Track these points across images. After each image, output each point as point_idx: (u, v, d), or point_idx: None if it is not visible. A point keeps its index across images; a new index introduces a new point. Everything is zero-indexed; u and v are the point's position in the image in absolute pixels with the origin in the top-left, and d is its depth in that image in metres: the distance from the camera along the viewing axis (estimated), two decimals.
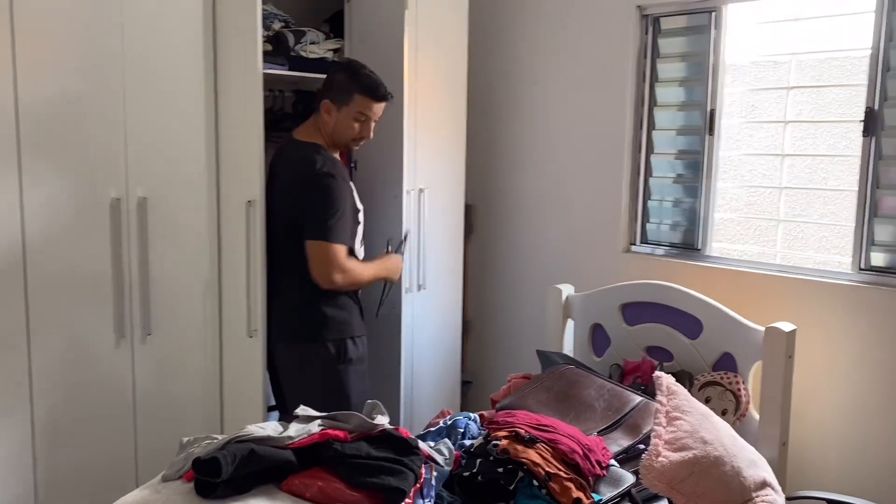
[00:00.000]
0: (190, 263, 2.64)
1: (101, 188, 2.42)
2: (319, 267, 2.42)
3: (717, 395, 2.55)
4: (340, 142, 2.57)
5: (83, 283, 2.41)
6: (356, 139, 2.56)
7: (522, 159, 3.55)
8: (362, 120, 2.52)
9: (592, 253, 3.33)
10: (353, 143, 2.60)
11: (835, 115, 2.81)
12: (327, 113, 2.52)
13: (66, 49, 2.31)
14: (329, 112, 2.52)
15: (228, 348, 2.71)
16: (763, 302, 2.79)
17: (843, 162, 2.79)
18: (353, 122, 2.52)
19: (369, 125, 2.55)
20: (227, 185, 2.65)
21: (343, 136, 2.54)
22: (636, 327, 2.85)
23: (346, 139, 2.56)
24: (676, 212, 3.17)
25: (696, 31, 3.02)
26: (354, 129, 2.53)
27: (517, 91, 3.55)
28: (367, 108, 2.51)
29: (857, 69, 2.73)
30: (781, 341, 2.45)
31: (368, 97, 2.50)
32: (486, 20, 3.59)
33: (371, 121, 2.55)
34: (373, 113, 2.53)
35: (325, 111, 2.53)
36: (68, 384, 2.42)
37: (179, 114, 2.57)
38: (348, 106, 2.50)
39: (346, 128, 2.52)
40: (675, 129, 3.13)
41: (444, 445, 2.06)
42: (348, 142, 2.57)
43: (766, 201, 2.99)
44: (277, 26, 2.87)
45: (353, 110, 2.50)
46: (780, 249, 2.95)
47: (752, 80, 2.98)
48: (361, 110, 2.51)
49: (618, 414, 2.39)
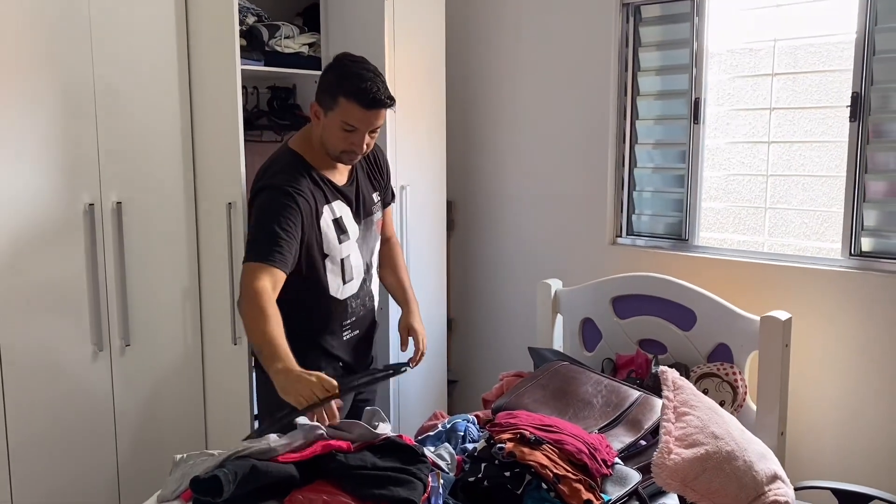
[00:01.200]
0: (169, 270, 2.53)
1: (74, 193, 2.30)
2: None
3: (714, 386, 2.52)
4: (331, 153, 2.13)
5: (57, 294, 2.29)
6: (346, 152, 2.11)
7: (504, 153, 3.50)
8: (349, 130, 2.06)
9: (578, 246, 3.28)
10: (345, 157, 2.13)
11: (812, 101, 2.81)
12: (315, 117, 2.12)
13: (32, 46, 2.19)
14: (317, 116, 2.11)
15: (211, 357, 2.61)
16: (754, 290, 2.78)
17: (820, 148, 2.79)
18: (340, 130, 2.07)
19: (360, 136, 2.08)
20: (204, 188, 2.55)
21: (330, 146, 2.11)
22: (628, 320, 2.82)
23: (335, 150, 2.11)
24: (662, 202, 3.14)
25: (677, 20, 2.99)
26: (341, 139, 2.08)
27: (497, 84, 3.49)
28: (352, 115, 2.04)
29: (835, 54, 2.73)
30: (778, 330, 2.43)
31: (355, 102, 2.03)
32: (464, 12, 3.52)
33: (361, 132, 2.07)
34: (361, 122, 2.05)
35: (313, 114, 2.13)
36: (44, 400, 2.30)
37: (153, 113, 2.46)
38: (333, 111, 2.06)
39: (333, 137, 2.09)
40: (658, 119, 3.10)
41: (444, 450, 1.99)
42: (338, 154, 2.12)
43: (747, 189, 2.97)
44: (251, 20, 2.78)
45: (337, 117, 2.05)
46: (767, 238, 2.93)
47: (730, 67, 2.96)
48: (346, 119, 2.05)
49: (617, 410, 2.34)
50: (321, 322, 2.21)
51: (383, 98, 2.05)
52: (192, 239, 2.57)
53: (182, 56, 2.49)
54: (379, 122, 2.10)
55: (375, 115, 2.07)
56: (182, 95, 2.51)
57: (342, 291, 2.22)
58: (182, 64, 2.50)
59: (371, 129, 2.10)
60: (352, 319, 2.27)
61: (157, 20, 2.43)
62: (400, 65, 3.03)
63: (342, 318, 2.25)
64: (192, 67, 2.51)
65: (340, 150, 2.11)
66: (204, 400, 2.65)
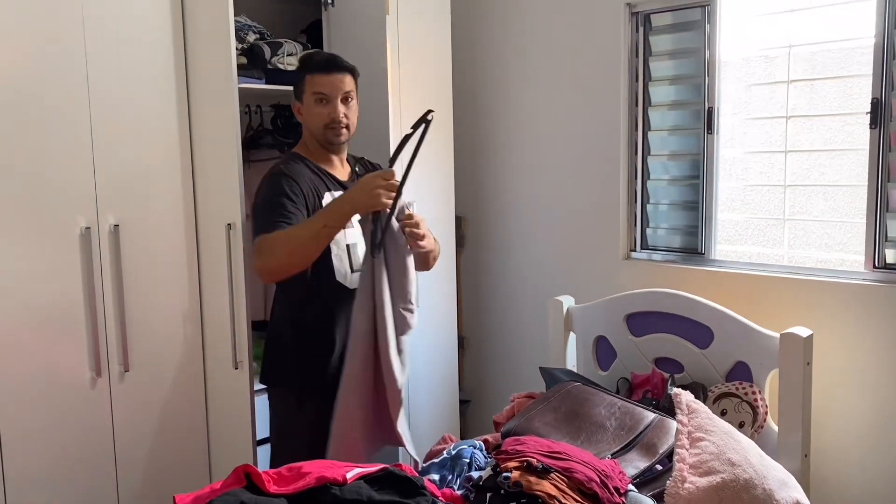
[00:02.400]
0: (168, 293, 2.48)
1: (69, 216, 2.26)
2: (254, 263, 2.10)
3: (734, 406, 2.42)
4: (319, 136, 2.29)
5: (54, 319, 2.25)
6: (328, 125, 2.26)
7: (513, 167, 3.42)
8: (322, 100, 2.24)
9: (591, 261, 3.19)
10: (330, 133, 2.27)
11: (831, 108, 2.71)
12: (299, 113, 2.31)
13: (25, 71, 2.16)
14: (299, 111, 2.31)
15: (213, 382, 2.55)
16: (774, 306, 2.67)
17: (841, 156, 2.68)
18: (315, 107, 2.25)
19: (334, 105, 2.24)
20: (204, 209, 2.50)
21: (316, 128, 2.27)
22: (643, 338, 2.72)
23: (319, 129, 2.27)
24: (676, 215, 3.04)
25: (688, 28, 2.90)
26: (320, 115, 2.25)
27: (505, 96, 3.42)
28: (319, 84, 2.23)
29: (854, 59, 2.63)
30: (799, 347, 2.32)
31: (316, 72, 2.24)
32: (470, 23, 3.47)
33: (334, 99, 2.24)
34: (328, 88, 2.23)
35: (297, 113, 2.32)
36: (41, 428, 2.25)
37: (151, 134, 2.42)
38: (305, 93, 2.26)
39: (314, 117, 2.26)
40: (671, 129, 3.01)
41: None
42: (324, 132, 2.27)
43: (765, 200, 2.87)
44: (252, 38, 2.74)
45: (310, 96, 2.25)
46: (787, 251, 2.83)
47: (744, 75, 2.87)
48: (316, 90, 2.23)
49: (631, 433, 2.25)
50: (331, 310, 2.24)
51: (339, 61, 2.27)
52: (193, 261, 2.52)
53: (180, 76, 2.46)
54: (345, 87, 2.26)
55: (339, 80, 2.24)
56: (181, 115, 2.47)
57: (350, 280, 2.24)
58: (180, 84, 2.46)
59: (343, 97, 2.25)
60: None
61: (154, 40, 2.40)
62: (405, 80, 2.97)
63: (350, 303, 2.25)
64: (190, 87, 2.47)
65: (323, 125, 2.25)
66: (207, 425, 2.59)
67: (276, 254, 2.03)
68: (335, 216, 2.04)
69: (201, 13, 2.41)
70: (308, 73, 2.26)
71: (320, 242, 2.04)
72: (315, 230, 2.02)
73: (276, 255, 2.03)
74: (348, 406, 2.15)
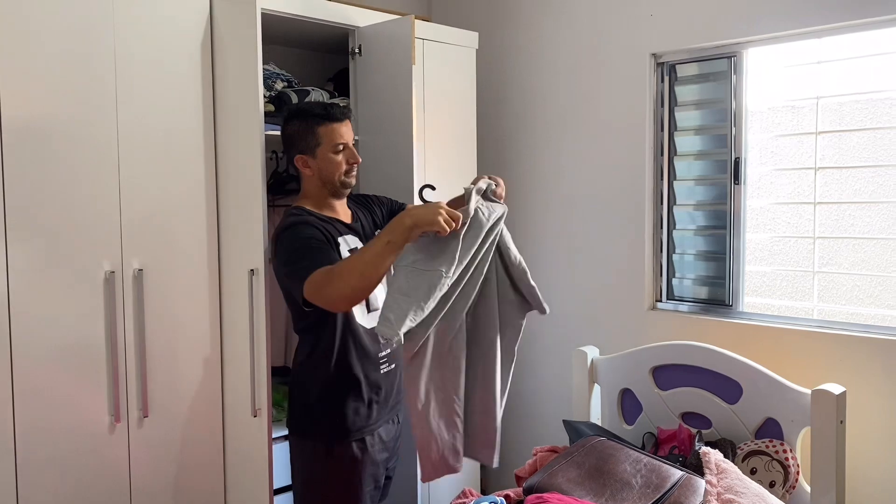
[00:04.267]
0: (189, 338, 2.47)
1: (94, 260, 2.27)
2: (315, 298, 2.03)
3: (764, 465, 2.34)
4: (335, 184, 2.28)
5: (75, 363, 2.24)
6: (348, 170, 2.29)
7: (537, 216, 3.41)
8: (341, 149, 2.26)
9: (616, 311, 3.15)
10: (348, 177, 2.29)
11: (860, 160, 2.67)
12: (307, 167, 2.28)
13: (56, 110, 2.19)
14: (307, 165, 2.27)
15: (231, 429, 2.52)
16: (804, 361, 2.60)
17: (872, 208, 2.63)
18: (334, 155, 2.25)
19: (350, 150, 2.28)
20: (227, 254, 2.50)
21: (333, 176, 2.27)
22: (669, 392, 2.66)
23: (338, 176, 2.27)
24: (703, 265, 3.00)
25: (714, 78, 2.90)
26: (339, 161, 2.26)
27: (530, 146, 3.43)
28: (336, 133, 2.25)
29: (884, 111, 2.60)
30: (831, 405, 2.25)
31: (330, 122, 2.25)
32: (496, 74, 3.49)
33: (349, 145, 2.28)
34: (344, 136, 2.27)
35: (303, 167, 2.28)
36: (58, 474, 2.22)
37: (177, 179, 2.43)
38: (320, 145, 2.25)
39: (331, 166, 2.26)
40: (698, 179, 2.99)
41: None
42: (341, 178, 2.28)
43: (794, 251, 2.82)
44: (280, 86, 2.77)
45: (326, 145, 2.24)
46: (817, 304, 2.76)
47: (771, 125, 2.85)
48: (333, 140, 2.24)
49: (658, 492, 2.18)
50: (354, 352, 2.22)
51: (347, 109, 2.34)
52: (215, 306, 2.51)
53: (208, 122, 2.48)
54: (352, 133, 2.33)
55: (348, 127, 2.29)
56: (207, 161, 2.49)
57: (368, 320, 2.25)
58: (208, 130, 2.48)
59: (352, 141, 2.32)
60: (387, 352, 2.30)
61: (184, 86, 2.43)
62: (430, 128, 2.99)
63: (377, 349, 2.28)
64: (217, 133, 2.50)
65: (343, 171, 2.28)
66: (224, 473, 2.55)
67: (347, 278, 1.98)
68: (397, 231, 1.97)
69: (231, 61, 2.45)
70: (320, 125, 2.25)
71: (386, 259, 1.98)
72: (379, 247, 1.97)
73: (348, 279, 1.98)
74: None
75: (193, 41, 2.45)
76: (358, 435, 2.23)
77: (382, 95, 2.77)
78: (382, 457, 2.30)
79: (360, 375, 2.23)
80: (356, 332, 2.22)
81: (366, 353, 2.24)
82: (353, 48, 2.84)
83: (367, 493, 2.26)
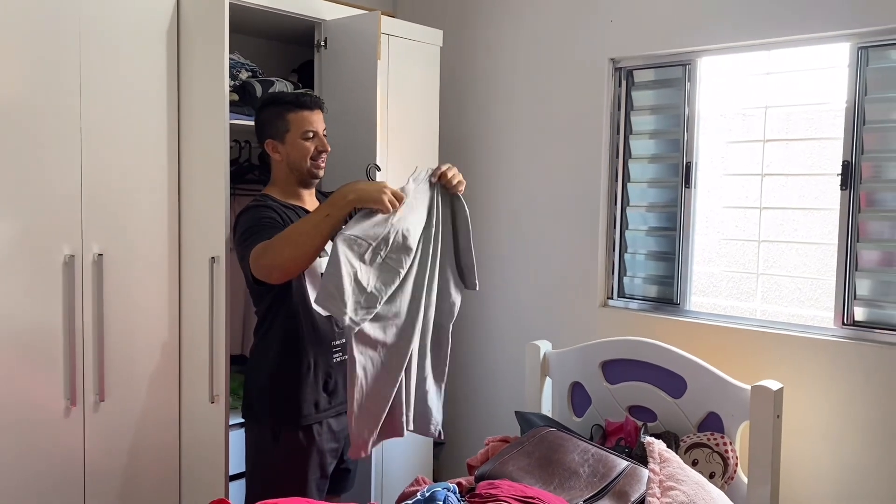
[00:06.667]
0: (148, 323, 2.48)
1: (54, 244, 2.26)
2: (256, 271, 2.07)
3: (705, 457, 2.45)
4: (303, 170, 2.29)
5: (31, 346, 2.24)
6: (315, 157, 2.29)
7: (495, 213, 3.48)
8: (310, 136, 2.28)
9: (569, 307, 3.24)
10: (316, 164, 2.30)
11: (804, 168, 2.80)
12: (276, 152, 2.30)
13: (18, 93, 2.18)
14: (276, 150, 2.29)
15: (188, 415, 2.54)
16: (746, 358, 2.72)
17: (814, 214, 2.77)
18: (302, 142, 2.27)
19: (320, 138, 2.30)
20: (189, 241, 2.51)
21: (301, 162, 2.28)
22: (617, 386, 2.75)
23: (305, 163, 2.28)
24: (653, 265, 3.11)
25: (670, 84, 3.00)
26: (308, 147, 2.28)
27: (490, 143, 3.49)
28: (305, 121, 2.27)
29: (827, 122, 2.72)
30: (769, 400, 2.36)
31: (300, 110, 2.27)
32: (459, 72, 3.55)
33: (318, 133, 2.30)
34: (314, 124, 2.29)
35: (272, 151, 2.30)
36: (12, 457, 2.22)
37: (139, 164, 2.44)
38: (289, 131, 2.27)
39: (300, 151, 2.27)
40: (651, 182, 3.09)
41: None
42: (310, 166, 2.29)
43: (740, 253, 2.94)
44: (244, 76, 2.79)
45: (295, 132, 2.27)
46: (760, 304, 2.89)
47: (722, 131, 2.96)
48: (302, 127, 2.27)
49: (604, 480, 2.27)
50: (308, 338, 2.24)
51: (319, 99, 2.35)
52: (174, 293, 2.52)
53: (172, 109, 2.49)
54: (323, 123, 2.34)
55: (318, 116, 2.32)
56: (170, 148, 2.50)
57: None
58: (172, 117, 2.49)
59: (323, 132, 2.33)
60: (342, 341, 2.31)
61: (148, 74, 2.44)
62: (393, 123, 3.03)
63: (331, 338, 2.29)
64: (181, 121, 2.51)
65: (310, 158, 2.29)
66: (179, 459, 2.57)
67: (281, 248, 2.01)
68: (338, 205, 2.02)
69: (197, 49, 2.46)
70: (290, 112, 2.27)
71: (323, 231, 2.01)
72: (317, 219, 2.02)
73: (282, 250, 2.01)
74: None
75: (159, 28, 2.45)
76: (305, 422, 2.23)
77: (347, 89, 2.80)
78: (331, 447, 2.31)
79: (311, 361, 2.25)
80: (312, 315, 2.23)
81: (319, 340, 2.26)
82: (319, 41, 2.86)
83: (313, 481, 2.27)
